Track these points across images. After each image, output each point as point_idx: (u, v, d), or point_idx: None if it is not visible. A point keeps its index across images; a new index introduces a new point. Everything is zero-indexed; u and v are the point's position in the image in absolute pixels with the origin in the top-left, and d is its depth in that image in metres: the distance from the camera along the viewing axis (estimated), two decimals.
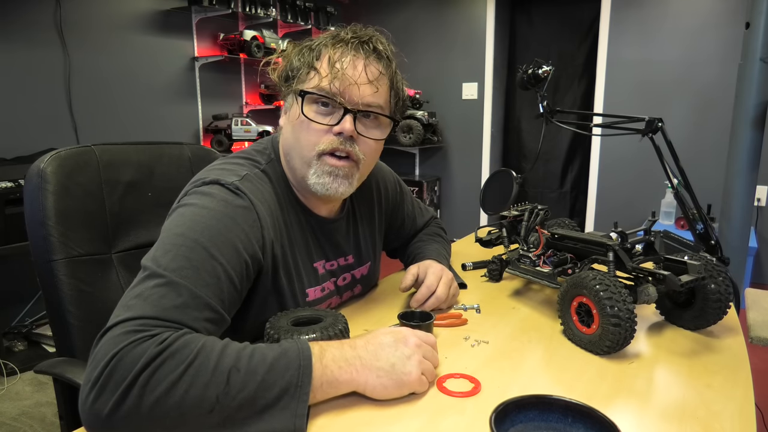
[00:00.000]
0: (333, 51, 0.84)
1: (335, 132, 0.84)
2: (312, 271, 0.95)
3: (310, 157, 0.86)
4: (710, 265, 0.90)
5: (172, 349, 0.59)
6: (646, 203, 3.86)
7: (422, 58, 4.59)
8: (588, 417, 0.62)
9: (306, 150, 0.86)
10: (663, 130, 1.01)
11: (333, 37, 0.86)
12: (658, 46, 3.74)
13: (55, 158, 0.98)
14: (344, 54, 0.84)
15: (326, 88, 0.83)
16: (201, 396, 0.58)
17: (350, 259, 1.04)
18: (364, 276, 1.09)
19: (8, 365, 2.36)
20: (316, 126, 0.85)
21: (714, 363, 0.82)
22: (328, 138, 0.85)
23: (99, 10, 3.04)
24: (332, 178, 0.86)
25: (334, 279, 1.01)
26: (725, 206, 1.99)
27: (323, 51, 0.85)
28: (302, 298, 0.92)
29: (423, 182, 4.38)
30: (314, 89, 0.84)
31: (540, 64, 1.11)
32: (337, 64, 0.83)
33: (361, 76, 0.84)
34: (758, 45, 1.81)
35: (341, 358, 0.68)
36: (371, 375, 0.68)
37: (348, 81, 0.83)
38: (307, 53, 0.86)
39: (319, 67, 0.84)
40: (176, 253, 0.69)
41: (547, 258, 1.04)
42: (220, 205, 0.78)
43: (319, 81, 0.84)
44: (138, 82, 3.29)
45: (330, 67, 0.83)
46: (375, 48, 0.86)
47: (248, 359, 0.62)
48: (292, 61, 0.87)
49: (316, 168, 0.86)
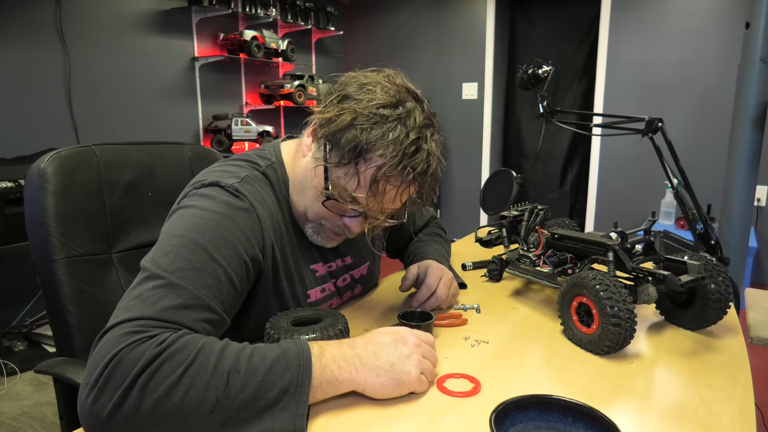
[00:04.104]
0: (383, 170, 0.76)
1: (344, 223, 0.86)
2: (311, 272, 0.95)
3: (314, 220, 0.88)
4: (710, 265, 0.90)
5: (171, 351, 0.59)
6: (646, 203, 3.86)
7: (422, 58, 4.59)
8: (588, 417, 0.62)
9: (312, 215, 0.87)
10: (663, 130, 1.01)
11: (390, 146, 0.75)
12: (658, 46, 3.74)
13: (55, 158, 0.98)
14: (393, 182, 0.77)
15: (359, 202, 0.81)
16: (201, 397, 0.57)
17: (348, 259, 1.04)
18: (363, 276, 1.09)
19: (8, 365, 2.36)
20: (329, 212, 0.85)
21: (714, 363, 0.82)
22: (336, 221, 0.87)
23: (99, 10, 3.04)
24: (324, 240, 0.91)
25: (334, 280, 1.01)
26: (725, 206, 1.99)
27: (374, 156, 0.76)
28: (304, 299, 0.93)
29: None
30: (345, 193, 0.80)
31: (540, 64, 1.11)
32: (378, 190, 0.77)
33: (396, 203, 0.82)
34: (758, 45, 1.81)
35: (341, 358, 0.68)
36: (371, 374, 0.68)
37: (381, 206, 0.81)
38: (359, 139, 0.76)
39: (362, 172, 0.77)
40: (176, 254, 0.69)
41: (547, 258, 1.04)
42: (220, 207, 0.77)
43: (354, 188, 0.78)
44: (138, 82, 3.29)
45: (371, 187, 0.77)
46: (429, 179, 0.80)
47: (248, 360, 0.62)
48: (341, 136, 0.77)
49: (315, 228, 0.90)
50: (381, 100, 0.77)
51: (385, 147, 0.75)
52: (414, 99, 0.81)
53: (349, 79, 0.81)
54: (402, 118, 0.77)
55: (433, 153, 0.79)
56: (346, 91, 0.80)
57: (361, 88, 0.79)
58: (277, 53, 3.88)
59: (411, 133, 0.77)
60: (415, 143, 0.77)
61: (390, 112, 0.77)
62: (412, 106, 0.79)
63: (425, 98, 0.83)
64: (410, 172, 0.77)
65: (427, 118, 0.81)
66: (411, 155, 0.76)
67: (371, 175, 0.77)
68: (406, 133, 0.76)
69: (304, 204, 0.87)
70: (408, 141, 0.76)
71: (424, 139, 0.78)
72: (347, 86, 0.80)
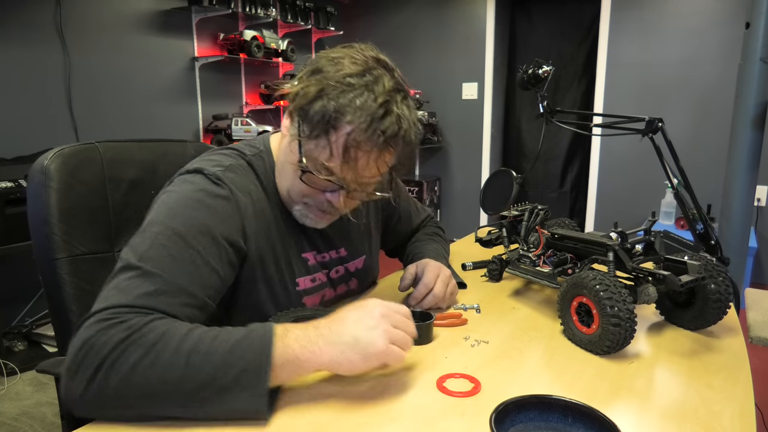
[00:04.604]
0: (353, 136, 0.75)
1: (326, 198, 0.86)
2: (301, 261, 0.95)
3: (297, 200, 0.89)
4: (710, 265, 0.90)
5: (138, 334, 0.62)
6: (646, 203, 3.86)
7: (422, 58, 4.60)
8: (588, 417, 0.62)
9: (294, 193, 0.88)
10: (663, 130, 1.01)
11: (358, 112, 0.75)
12: (658, 46, 3.74)
13: (58, 155, 0.97)
14: (363, 148, 0.76)
15: (334, 172, 0.79)
16: (162, 377, 0.60)
17: (343, 251, 1.03)
18: (359, 270, 1.08)
19: (8, 365, 2.36)
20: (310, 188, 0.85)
21: (714, 363, 0.82)
22: (319, 198, 0.86)
23: (99, 10, 3.04)
24: (313, 221, 0.91)
25: (327, 271, 1.01)
26: (725, 206, 1.99)
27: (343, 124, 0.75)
28: (292, 287, 0.93)
29: (423, 182, 4.38)
30: (319, 165, 0.79)
31: (540, 64, 1.11)
32: (350, 157, 0.77)
33: (372, 171, 0.80)
34: (758, 45, 1.81)
35: (303, 338, 0.68)
36: (335, 352, 0.67)
37: (356, 174, 0.80)
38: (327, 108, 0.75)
39: (333, 142, 0.76)
40: (153, 241, 0.72)
41: (547, 258, 1.04)
42: (199, 194, 0.79)
43: (327, 159, 0.77)
44: (138, 82, 3.29)
45: (343, 155, 0.76)
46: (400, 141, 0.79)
47: (211, 341, 0.64)
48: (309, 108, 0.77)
49: (301, 209, 0.90)
50: (348, 70, 0.77)
51: (353, 113, 0.75)
52: (383, 68, 0.80)
53: (319, 56, 0.82)
54: (369, 84, 0.77)
55: (404, 116, 0.78)
56: (315, 66, 0.80)
57: (330, 62, 0.79)
58: (277, 53, 3.88)
59: (379, 97, 0.76)
60: (383, 106, 0.76)
61: (357, 80, 0.76)
62: (381, 73, 0.79)
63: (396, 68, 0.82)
64: (380, 135, 0.75)
65: (398, 84, 0.80)
66: (380, 118, 0.75)
67: (342, 143, 0.76)
68: (374, 98, 0.76)
69: (287, 184, 0.88)
70: (376, 105, 0.75)
71: (393, 103, 0.77)
72: (317, 62, 0.80)
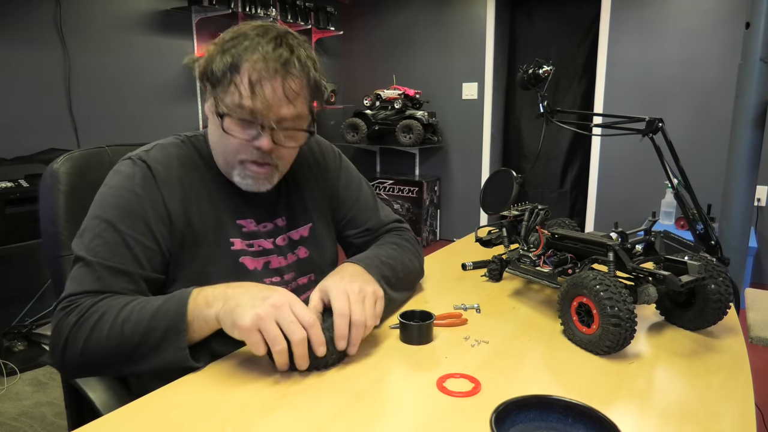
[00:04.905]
0: (253, 69, 0.84)
1: (254, 146, 0.89)
2: (236, 226, 0.97)
3: (233, 162, 0.92)
4: (710, 265, 0.90)
5: (85, 317, 0.78)
6: (646, 203, 3.86)
7: (422, 58, 4.60)
8: (588, 417, 0.62)
9: (229, 155, 0.92)
10: (663, 130, 1.01)
11: (253, 50, 0.84)
12: (658, 46, 3.74)
13: (68, 159, 1.04)
14: (264, 75, 0.84)
15: (246, 107, 0.85)
16: (106, 345, 0.76)
17: (281, 221, 1.03)
18: (305, 237, 1.05)
19: (8, 365, 2.36)
20: (237, 139, 0.89)
21: (714, 363, 0.82)
22: (248, 149, 0.90)
23: (99, 10, 3.04)
24: (254, 181, 0.93)
25: (272, 239, 1.00)
26: (725, 206, 1.99)
27: (243, 65, 0.84)
28: (226, 246, 0.94)
29: (423, 182, 4.38)
30: (234, 107, 0.86)
31: (540, 63, 1.11)
32: (257, 88, 0.84)
33: (280, 96, 0.86)
34: (758, 45, 1.81)
35: (211, 295, 0.77)
36: (222, 309, 0.75)
37: (267, 101, 0.85)
38: (227, 60, 0.85)
39: (239, 83, 0.84)
40: (91, 233, 0.85)
41: (547, 258, 1.04)
42: (122, 182, 0.89)
43: (239, 99, 0.85)
44: (138, 82, 3.29)
45: (250, 88, 0.84)
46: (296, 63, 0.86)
47: (139, 311, 0.77)
48: (214, 65, 0.86)
49: (239, 171, 0.93)
50: (243, 29, 0.88)
51: (251, 54, 0.84)
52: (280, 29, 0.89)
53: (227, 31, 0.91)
54: (261, 33, 0.86)
55: (295, 46, 0.87)
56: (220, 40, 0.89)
57: (233, 31, 0.89)
58: None
59: (271, 38, 0.86)
60: (274, 41, 0.86)
61: (251, 32, 0.86)
62: (273, 25, 0.89)
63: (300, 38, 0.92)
64: (275, 61, 0.84)
65: (290, 32, 0.89)
66: (273, 50, 0.85)
67: (247, 81, 0.84)
68: (267, 40, 0.86)
69: (220, 149, 0.93)
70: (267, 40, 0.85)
71: (284, 39, 0.87)
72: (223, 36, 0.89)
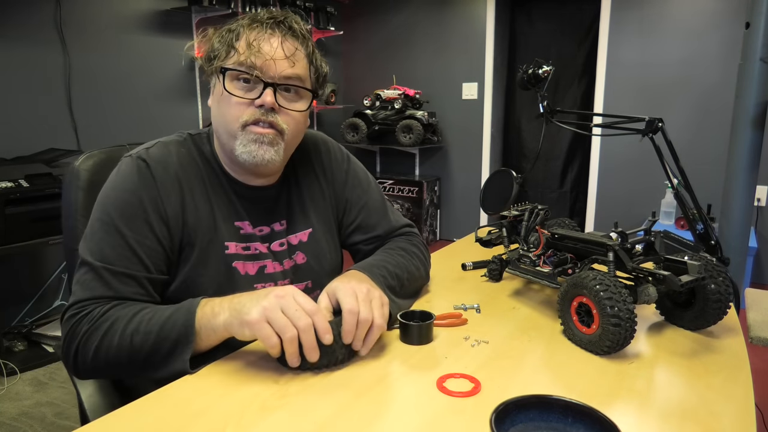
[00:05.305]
0: (250, 31, 0.90)
1: (257, 105, 0.90)
2: (233, 228, 0.96)
3: (235, 129, 0.91)
4: (710, 265, 0.90)
5: (95, 325, 0.79)
6: (646, 203, 3.86)
7: (422, 58, 4.60)
8: (588, 417, 0.62)
9: (231, 123, 0.91)
10: (663, 130, 1.01)
11: (250, 19, 0.92)
12: (658, 46, 3.74)
13: (89, 156, 1.09)
14: (260, 33, 0.90)
15: (245, 63, 0.89)
16: (117, 355, 0.78)
17: (279, 225, 1.01)
18: (303, 243, 1.04)
19: (8, 365, 2.36)
20: (239, 100, 0.90)
21: (714, 363, 0.82)
22: (250, 110, 0.90)
23: (99, 10, 3.04)
24: (258, 146, 0.91)
25: (267, 244, 0.99)
26: (725, 206, 1.99)
27: (241, 32, 0.91)
28: (220, 249, 0.93)
29: (423, 182, 4.38)
30: (234, 65, 0.90)
31: (540, 64, 1.11)
32: (254, 42, 0.89)
33: (278, 52, 0.90)
34: (758, 45, 1.81)
35: (218, 305, 0.78)
36: (229, 315, 0.76)
37: (265, 57, 0.89)
38: (226, 35, 0.92)
39: (238, 46, 0.90)
40: (95, 236, 0.86)
41: (547, 258, 1.04)
42: (122, 181, 0.89)
43: (239, 58, 0.89)
44: (138, 82, 3.29)
45: (247, 46, 0.89)
46: (290, 27, 0.93)
47: (147, 322, 0.78)
48: (213, 43, 0.92)
49: (242, 138, 0.91)
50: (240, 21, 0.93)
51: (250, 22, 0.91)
52: None
53: None
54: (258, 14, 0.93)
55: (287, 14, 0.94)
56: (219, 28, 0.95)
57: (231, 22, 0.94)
58: None
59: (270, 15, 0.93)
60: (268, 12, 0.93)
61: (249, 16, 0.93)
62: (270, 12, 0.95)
63: None
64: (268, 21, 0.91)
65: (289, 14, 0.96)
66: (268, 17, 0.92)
67: (244, 43, 0.89)
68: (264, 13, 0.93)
69: (222, 123, 0.93)
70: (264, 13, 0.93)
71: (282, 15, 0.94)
72: None
